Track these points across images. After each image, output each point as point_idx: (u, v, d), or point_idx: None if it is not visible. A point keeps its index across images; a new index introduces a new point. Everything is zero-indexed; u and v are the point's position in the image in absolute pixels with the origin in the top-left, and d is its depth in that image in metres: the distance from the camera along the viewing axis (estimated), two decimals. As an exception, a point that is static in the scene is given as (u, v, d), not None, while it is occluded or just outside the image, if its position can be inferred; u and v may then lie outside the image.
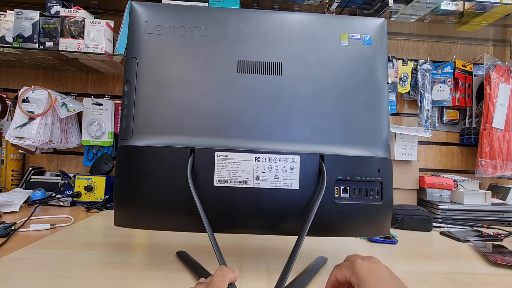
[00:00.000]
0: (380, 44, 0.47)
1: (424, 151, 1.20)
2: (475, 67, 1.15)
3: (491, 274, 0.52)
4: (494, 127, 1.05)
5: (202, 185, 0.41)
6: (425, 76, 1.14)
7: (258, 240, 0.64)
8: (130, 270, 0.46)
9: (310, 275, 0.46)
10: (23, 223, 0.68)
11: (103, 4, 1.08)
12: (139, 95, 0.43)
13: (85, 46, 0.89)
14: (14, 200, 0.81)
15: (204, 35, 0.45)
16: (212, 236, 0.38)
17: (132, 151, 0.42)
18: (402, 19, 1.02)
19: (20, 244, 0.55)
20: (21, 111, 0.91)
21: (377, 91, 0.46)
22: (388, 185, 0.45)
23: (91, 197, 0.92)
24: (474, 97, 1.14)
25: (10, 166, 1.04)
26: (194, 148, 0.42)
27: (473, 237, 0.73)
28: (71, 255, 0.51)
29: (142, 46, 0.44)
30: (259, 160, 0.42)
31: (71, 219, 0.74)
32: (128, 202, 0.43)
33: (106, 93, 1.14)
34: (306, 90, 0.45)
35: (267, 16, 0.46)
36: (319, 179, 0.43)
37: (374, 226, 0.45)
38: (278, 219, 0.43)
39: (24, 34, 0.89)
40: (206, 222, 0.38)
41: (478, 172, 1.06)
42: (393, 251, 0.62)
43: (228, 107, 0.43)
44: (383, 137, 0.46)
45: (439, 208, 0.90)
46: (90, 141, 1.07)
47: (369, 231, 0.46)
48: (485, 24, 1.04)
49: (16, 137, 0.90)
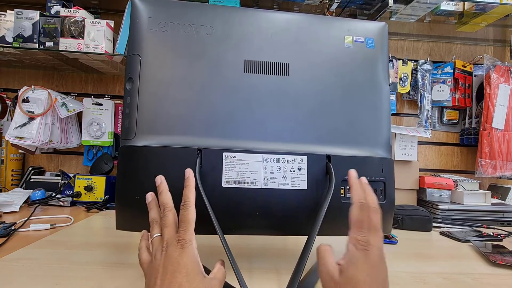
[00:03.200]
0: (382, 46, 0.48)
1: (424, 151, 1.20)
2: (475, 67, 1.15)
3: (491, 274, 0.52)
4: (494, 127, 1.05)
5: (210, 186, 0.40)
6: (425, 76, 1.14)
7: (258, 240, 0.64)
8: (130, 270, 0.46)
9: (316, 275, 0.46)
10: (23, 223, 0.68)
11: (103, 4, 1.08)
12: (143, 93, 0.42)
13: (85, 46, 0.89)
14: (14, 200, 0.81)
15: (210, 33, 0.44)
16: (223, 238, 0.37)
17: (135, 152, 0.41)
18: (402, 20, 1.03)
19: (20, 244, 0.55)
20: (21, 111, 0.91)
21: (379, 92, 0.47)
22: (391, 184, 0.46)
23: (91, 197, 0.92)
24: (474, 97, 1.14)
25: (10, 166, 1.04)
26: (202, 148, 0.41)
27: (473, 237, 0.73)
28: (71, 255, 0.51)
29: (145, 43, 0.43)
30: (268, 161, 0.42)
31: (71, 219, 0.74)
32: (131, 204, 0.41)
33: (106, 93, 1.14)
34: (312, 90, 0.45)
35: (272, 16, 0.46)
36: (326, 180, 0.43)
37: None
38: (287, 220, 0.43)
39: (24, 34, 0.89)
40: (216, 224, 0.37)
41: (478, 172, 1.07)
42: (393, 251, 0.62)
43: (236, 107, 0.43)
44: (385, 138, 0.47)
45: (439, 208, 0.90)
46: (90, 141, 1.07)
47: None
48: (485, 24, 1.05)
49: (16, 137, 0.90)
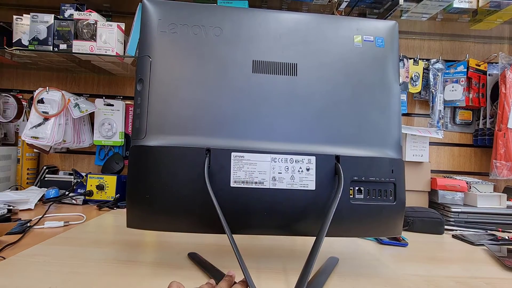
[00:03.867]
0: (392, 46, 0.47)
1: (436, 152, 1.17)
2: (489, 66, 1.12)
3: (507, 279, 0.50)
4: (510, 128, 1.02)
5: (218, 186, 0.41)
6: (437, 75, 1.12)
7: (265, 240, 0.64)
8: (140, 268, 0.47)
9: (324, 276, 0.45)
10: (38, 220, 0.70)
11: (114, 6, 1.11)
12: (153, 94, 0.43)
13: (97, 48, 0.91)
14: (30, 198, 0.84)
15: (219, 34, 0.44)
16: (231, 238, 0.37)
17: (146, 151, 0.42)
18: (413, 18, 1.01)
19: (35, 241, 0.57)
20: (36, 111, 0.94)
21: (389, 92, 0.46)
22: (401, 185, 0.45)
23: (102, 196, 0.94)
24: (489, 97, 1.11)
25: (25, 165, 1.07)
26: (210, 148, 0.41)
27: (487, 240, 0.71)
28: (83, 252, 0.53)
29: (155, 44, 0.44)
30: (276, 161, 0.42)
31: (84, 217, 0.76)
32: (141, 203, 0.42)
33: (117, 94, 1.16)
34: (320, 91, 0.45)
35: (281, 16, 0.46)
36: (334, 180, 0.43)
37: (387, 227, 0.45)
38: (295, 220, 0.43)
39: (39, 37, 0.92)
40: (225, 224, 0.38)
41: (492, 174, 1.03)
42: (404, 254, 0.61)
43: (244, 107, 0.43)
44: (396, 138, 0.46)
45: (451, 210, 0.88)
46: (102, 141, 1.09)
47: (381, 232, 0.46)
48: (500, 22, 1.01)
49: (31, 137, 0.93)
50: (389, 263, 0.55)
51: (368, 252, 0.61)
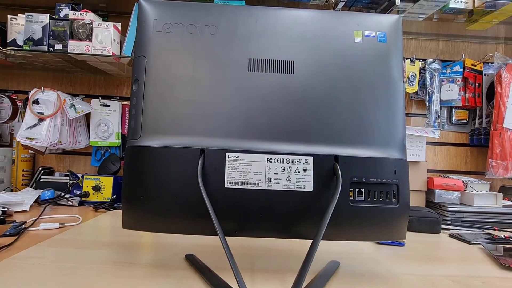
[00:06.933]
0: (395, 41, 0.45)
1: (432, 152, 1.18)
2: (485, 66, 1.12)
3: (503, 278, 0.50)
4: (505, 127, 1.03)
5: (213, 187, 0.40)
6: (433, 75, 1.13)
7: (262, 241, 0.64)
8: (137, 269, 0.47)
9: (323, 280, 0.44)
10: (33, 222, 0.69)
11: (110, 6, 1.10)
12: (148, 95, 0.42)
13: (93, 48, 0.91)
14: (25, 200, 0.83)
15: (214, 32, 0.44)
16: (224, 240, 0.37)
17: (140, 152, 0.41)
18: (409, 18, 1.01)
19: (30, 243, 0.56)
20: (31, 112, 0.93)
21: (392, 89, 0.44)
22: (405, 187, 0.43)
23: (98, 197, 0.93)
24: (485, 97, 1.12)
25: (20, 166, 1.06)
26: (204, 148, 0.41)
27: (483, 239, 0.71)
28: (79, 254, 0.52)
29: (151, 45, 0.43)
30: (271, 161, 0.41)
31: (80, 218, 0.75)
32: (137, 204, 0.42)
33: (113, 94, 1.16)
34: (319, 89, 0.44)
35: (278, 13, 0.45)
36: (333, 181, 0.41)
37: (390, 230, 0.43)
38: (291, 223, 0.42)
39: (34, 37, 0.91)
40: (217, 226, 0.37)
41: (488, 173, 1.04)
42: (401, 253, 0.62)
43: (239, 107, 0.42)
44: (399, 138, 0.44)
45: (448, 210, 0.88)
46: (98, 141, 1.08)
47: (384, 235, 0.44)
48: (496, 22, 1.02)
49: (26, 138, 0.92)
50: (386, 262, 0.55)
51: (364, 251, 0.61)
